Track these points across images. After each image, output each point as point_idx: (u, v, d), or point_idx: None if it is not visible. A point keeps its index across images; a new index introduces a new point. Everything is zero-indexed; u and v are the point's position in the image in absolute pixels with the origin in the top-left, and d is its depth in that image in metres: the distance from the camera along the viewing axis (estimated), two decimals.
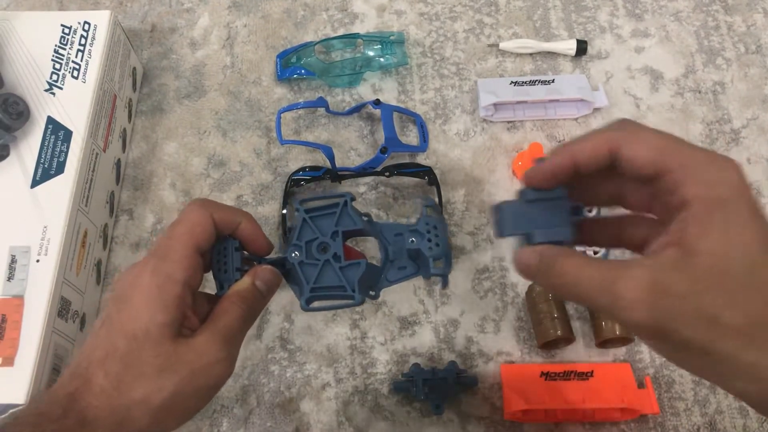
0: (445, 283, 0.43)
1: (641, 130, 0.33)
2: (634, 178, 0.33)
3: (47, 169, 0.57)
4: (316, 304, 0.42)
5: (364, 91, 0.70)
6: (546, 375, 0.55)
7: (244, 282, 0.40)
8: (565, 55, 0.71)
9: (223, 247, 0.41)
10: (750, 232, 0.30)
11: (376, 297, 0.43)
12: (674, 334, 0.30)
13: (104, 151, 0.62)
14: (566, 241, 0.36)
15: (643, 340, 0.32)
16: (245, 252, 0.42)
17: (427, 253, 0.42)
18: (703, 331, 0.29)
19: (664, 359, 0.57)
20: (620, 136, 0.33)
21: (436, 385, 0.55)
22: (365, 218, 0.43)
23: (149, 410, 0.35)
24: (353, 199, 0.43)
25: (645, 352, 0.58)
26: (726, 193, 0.31)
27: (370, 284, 0.42)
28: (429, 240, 0.42)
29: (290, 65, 0.69)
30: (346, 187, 0.65)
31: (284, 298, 0.61)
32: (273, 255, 0.44)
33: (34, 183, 0.56)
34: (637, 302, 0.30)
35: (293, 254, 0.42)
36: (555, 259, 0.34)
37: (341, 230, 0.42)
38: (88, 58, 0.62)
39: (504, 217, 0.37)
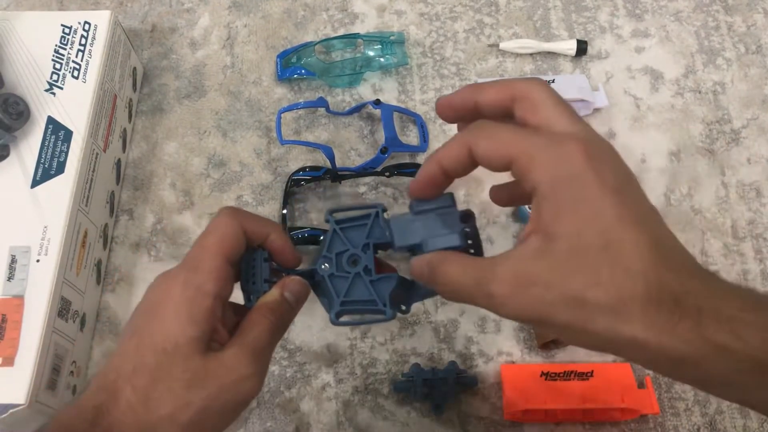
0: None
1: (491, 127, 0.34)
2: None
3: (47, 169, 0.57)
4: (345, 318, 0.41)
5: (364, 91, 0.70)
6: (546, 375, 0.55)
7: (273, 294, 0.39)
8: (565, 56, 0.71)
9: (252, 258, 0.40)
10: (602, 205, 0.30)
11: (407, 312, 0.41)
12: (551, 321, 0.30)
13: (104, 151, 0.62)
14: (459, 248, 0.37)
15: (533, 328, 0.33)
16: (273, 263, 0.41)
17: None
18: (575, 314, 0.30)
19: None
20: (472, 136, 0.34)
21: (436, 385, 0.55)
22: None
23: (176, 427, 0.34)
24: (385, 210, 0.41)
25: None
26: (570, 170, 0.30)
27: (400, 298, 0.41)
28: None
29: (290, 65, 0.69)
30: (346, 187, 0.65)
31: None
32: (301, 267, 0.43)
33: (35, 183, 0.56)
34: (507, 298, 0.31)
35: (323, 266, 0.40)
36: (437, 267, 0.35)
37: (372, 243, 0.41)
38: (89, 58, 0.62)
39: (395, 230, 0.39)
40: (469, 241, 0.38)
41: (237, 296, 0.41)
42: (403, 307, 0.41)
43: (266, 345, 0.38)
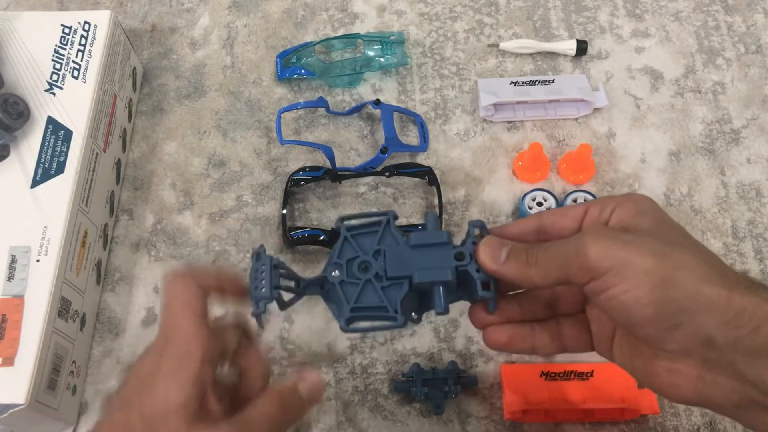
0: (493, 308, 0.40)
1: (600, 199, 0.39)
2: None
3: (47, 169, 0.57)
4: (355, 324, 0.41)
5: (364, 91, 0.70)
6: (546, 375, 0.55)
7: (287, 382, 0.38)
8: (565, 55, 0.71)
9: (261, 265, 0.40)
10: (665, 216, 0.37)
11: (418, 321, 0.41)
12: (634, 263, 0.33)
13: (104, 151, 0.62)
14: (449, 283, 0.39)
15: (595, 287, 0.34)
16: (283, 270, 0.41)
17: (475, 276, 0.39)
18: (662, 265, 0.33)
19: None
20: (589, 204, 0.39)
21: (437, 385, 0.55)
22: (404, 237, 0.41)
23: None
24: (396, 217, 0.41)
25: None
26: (643, 203, 0.38)
27: (411, 306, 0.41)
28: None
29: (290, 65, 0.70)
30: (346, 187, 0.65)
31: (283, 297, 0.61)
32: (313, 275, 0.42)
33: (35, 183, 0.56)
34: (600, 234, 0.35)
35: (333, 273, 0.40)
36: (530, 250, 0.37)
37: (384, 249, 0.40)
38: (89, 58, 0.62)
39: (389, 259, 0.40)
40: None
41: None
42: (414, 316, 0.41)
43: (261, 429, 0.36)
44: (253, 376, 0.40)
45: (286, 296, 0.42)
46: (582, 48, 0.70)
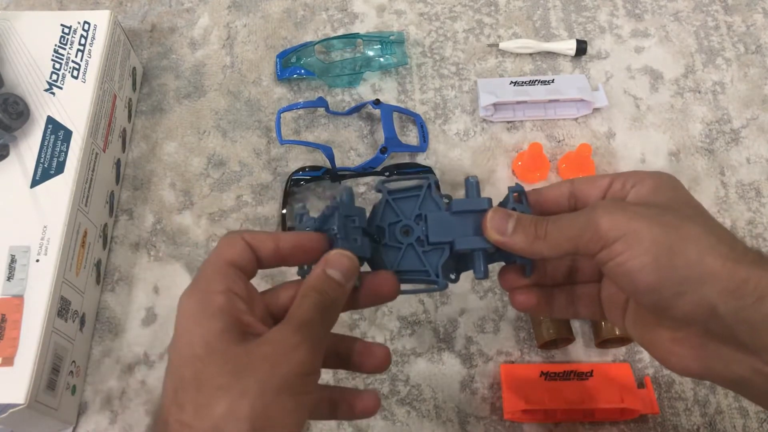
0: (530, 271, 0.41)
1: (628, 172, 0.40)
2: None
3: (47, 169, 0.57)
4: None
5: (364, 91, 0.70)
6: (546, 375, 0.55)
7: (314, 272, 0.37)
8: (564, 55, 0.71)
9: (330, 214, 0.40)
10: (683, 192, 0.38)
11: (455, 280, 0.42)
12: (642, 233, 0.33)
13: (104, 150, 0.62)
14: (488, 249, 0.39)
15: (607, 249, 0.35)
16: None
17: None
18: (665, 232, 0.34)
19: None
20: (619, 174, 0.40)
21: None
22: (446, 201, 0.42)
23: (240, 420, 0.32)
24: (436, 182, 0.42)
25: (645, 352, 0.58)
26: (661, 179, 0.39)
27: (450, 268, 0.42)
28: None
29: (290, 65, 0.70)
30: None
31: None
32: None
33: (34, 183, 0.56)
34: (611, 207, 0.36)
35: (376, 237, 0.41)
36: (539, 222, 0.37)
37: (425, 214, 0.41)
38: (88, 58, 0.62)
39: (430, 225, 0.40)
40: None
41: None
42: (452, 276, 0.42)
43: (312, 320, 0.36)
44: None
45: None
46: (582, 48, 0.70)
